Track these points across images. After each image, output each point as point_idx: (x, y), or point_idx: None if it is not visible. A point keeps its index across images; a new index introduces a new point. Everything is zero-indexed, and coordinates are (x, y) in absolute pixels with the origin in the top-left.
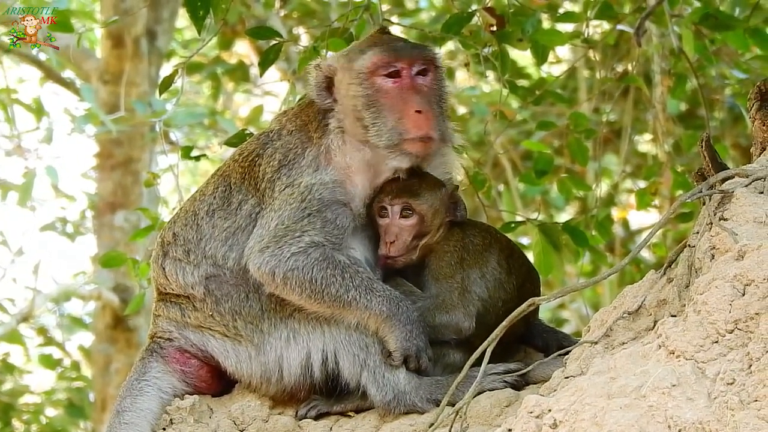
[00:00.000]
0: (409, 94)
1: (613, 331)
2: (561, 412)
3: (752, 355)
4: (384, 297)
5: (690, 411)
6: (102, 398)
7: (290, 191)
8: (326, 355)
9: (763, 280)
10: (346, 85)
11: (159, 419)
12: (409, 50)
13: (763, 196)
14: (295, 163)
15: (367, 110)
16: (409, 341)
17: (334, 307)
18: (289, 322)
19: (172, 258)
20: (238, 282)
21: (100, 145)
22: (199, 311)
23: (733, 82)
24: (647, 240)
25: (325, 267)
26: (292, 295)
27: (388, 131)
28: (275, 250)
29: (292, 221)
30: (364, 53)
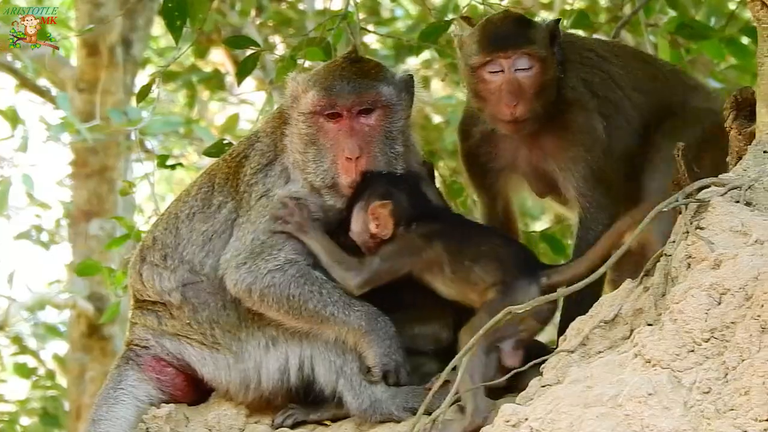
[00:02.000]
0: (344, 137)
1: (589, 340)
2: (537, 421)
3: (728, 364)
4: (362, 312)
5: (666, 420)
6: (77, 407)
7: (265, 202)
8: (303, 360)
9: (739, 289)
10: (296, 116)
11: (135, 428)
12: (350, 92)
13: (739, 206)
14: (268, 171)
15: (309, 147)
16: (387, 356)
17: (312, 322)
18: (267, 330)
19: (149, 263)
20: (215, 290)
21: (75, 154)
22: (176, 319)
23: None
24: (624, 249)
25: (303, 283)
26: (270, 312)
27: (322, 172)
28: (252, 266)
29: (268, 236)
30: (311, 90)
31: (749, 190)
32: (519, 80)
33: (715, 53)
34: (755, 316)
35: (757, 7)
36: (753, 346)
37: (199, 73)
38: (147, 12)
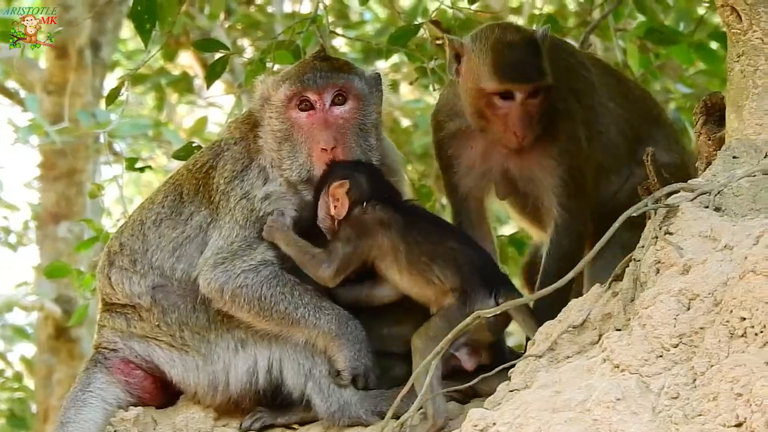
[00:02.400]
0: (318, 129)
1: (557, 345)
2: (506, 426)
3: (696, 370)
4: (333, 315)
5: (634, 425)
6: (44, 409)
7: (247, 205)
8: (272, 362)
9: (708, 294)
10: (269, 113)
11: (103, 431)
12: (321, 80)
13: (708, 211)
14: (244, 176)
15: (283, 143)
16: (357, 360)
17: (282, 324)
18: (236, 332)
19: (118, 267)
20: (186, 293)
21: (43, 156)
22: (145, 321)
23: (678, 97)
24: (591, 254)
25: (275, 284)
26: (240, 312)
27: (298, 167)
28: (228, 266)
29: (246, 236)
30: (281, 85)
31: (718, 196)
32: (529, 109)
33: (684, 58)
34: (724, 322)
35: (726, 12)
36: (722, 352)
37: (167, 76)
38: (116, 15)
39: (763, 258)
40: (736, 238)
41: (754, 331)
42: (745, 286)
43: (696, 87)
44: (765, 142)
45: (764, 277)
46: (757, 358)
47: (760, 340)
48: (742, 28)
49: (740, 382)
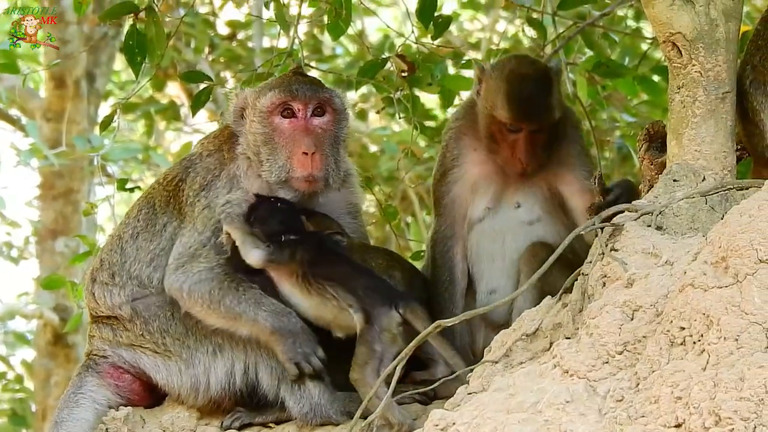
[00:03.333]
0: (300, 134)
1: (512, 352)
2: (464, 425)
3: (640, 375)
4: (269, 311)
5: (582, 426)
6: (43, 409)
7: (208, 213)
8: (248, 366)
9: (650, 306)
10: (250, 120)
11: (95, 429)
12: (306, 92)
13: (650, 230)
14: (212, 185)
15: (264, 146)
16: (293, 351)
17: (228, 318)
18: (214, 338)
19: (99, 283)
20: (163, 303)
21: (43, 177)
22: (129, 331)
23: (623, 125)
24: (545, 268)
25: (224, 280)
26: (195, 307)
27: (278, 168)
28: (186, 268)
29: (202, 240)
30: (267, 93)
31: (660, 216)
32: (534, 140)
33: (629, 90)
34: (665, 331)
35: (668, 48)
36: (662, 359)
37: (156, 104)
38: (109, 48)
39: (701, 273)
40: (676, 255)
41: (692, 340)
42: (684, 298)
43: (640, 116)
44: (703, 167)
45: (702, 291)
46: (695, 364)
47: (698, 348)
48: (682, 62)
49: (680, 387)
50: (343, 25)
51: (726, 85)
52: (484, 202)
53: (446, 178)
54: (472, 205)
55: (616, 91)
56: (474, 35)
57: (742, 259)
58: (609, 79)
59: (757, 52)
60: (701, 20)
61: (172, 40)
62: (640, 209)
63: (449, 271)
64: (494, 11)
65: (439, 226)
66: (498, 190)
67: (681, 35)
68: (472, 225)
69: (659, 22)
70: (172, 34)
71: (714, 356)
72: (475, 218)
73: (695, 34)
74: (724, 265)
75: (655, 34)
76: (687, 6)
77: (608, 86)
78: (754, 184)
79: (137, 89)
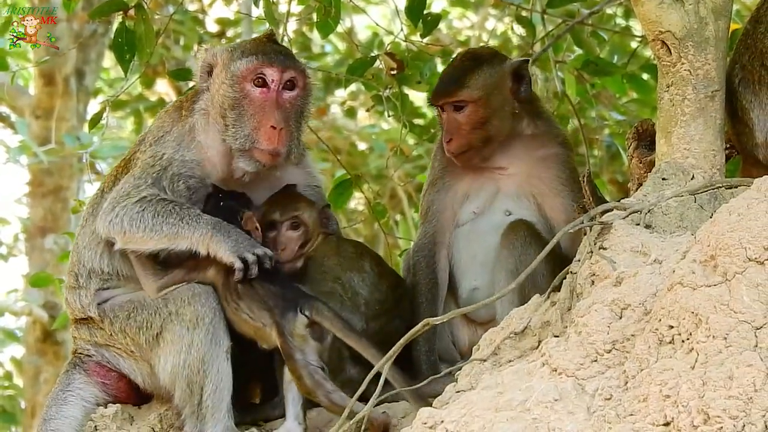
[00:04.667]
0: (270, 107)
1: (500, 350)
2: (452, 423)
3: (628, 373)
4: (207, 221)
5: (571, 424)
6: (32, 405)
7: (151, 162)
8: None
9: (638, 304)
10: (220, 81)
11: (83, 425)
12: (281, 64)
13: (639, 228)
14: (161, 139)
15: (231, 110)
16: (237, 246)
17: (170, 237)
18: (163, 334)
19: (68, 287)
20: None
21: (32, 175)
22: (103, 330)
23: (612, 123)
24: (533, 266)
25: (164, 204)
26: (137, 234)
27: (243, 136)
28: (123, 203)
29: (143, 181)
30: (242, 58)
31: (649, 214)
32: (455, 120)
33: (618, 88)
34: (653, 330)
35: (657, 46)
36: (651, 357)
37: (145, 102)
38: (99, 46)
39: (690, 271)
40: (664, 253)
41: (680, 338)
42: (672, 297)
43: (629, 114)
44: (692, 166)
45: (690, 289)
46: (684, 363)
47: (687, 346)
48: (671, 60)
49: (668, 385)
50: (332, 22)
51: (715, 83)
52: (472, 207)
53: (435, 187)
54: (460, 211)
55: (605, 90)
56: (463, 33)
57: (731, 258)
58: (598, 77)
59: (746, 51)
60: (690, 18)
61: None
62: (629, 207)
63: (432, 275)
64: (483, 9)
65: (425, 232)
66: (488, 198)
67: (670, 33)
68: (457, 227)
69: (648, 21)
70: (162, 32)
71: (703, 355)
72: (460, 222)
73: (684, 33)
74: (713, 264)
75: (644, 33)
76: (676, 4)
77: (597, 84)
78: (743, 182)
79: (126, 86)
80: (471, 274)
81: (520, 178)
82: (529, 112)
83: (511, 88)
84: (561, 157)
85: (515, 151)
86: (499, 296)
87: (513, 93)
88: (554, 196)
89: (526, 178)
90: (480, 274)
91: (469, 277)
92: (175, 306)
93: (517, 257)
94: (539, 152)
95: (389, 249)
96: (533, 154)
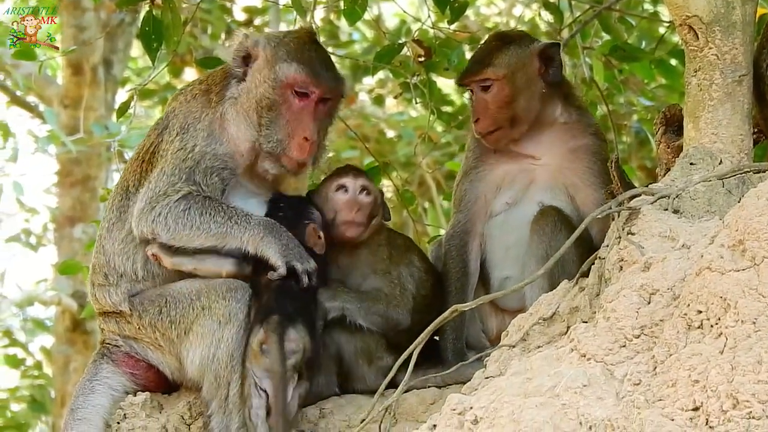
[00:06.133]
0: (307, 119)
1: (529, 336)
2: (481, 410)
3: (657, 358)
4: (258, 221)
5: (600, 409)
6: (61, 395)
7: (182, 155)
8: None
9: (667, 289)
10: (261, 78)
11: (112, 414)
12: (326, 82)
13: (667, 213)
14: (191, 127)
15: (267, 111)
16: (286, 250)
17: (218, 236)
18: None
19: (97, 286)
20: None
21: (60, 164)
22: (131, 324)
23: (640, 109)
24: (560, 254)
25: (209, 204)
26: (184, 232)
27: (275, 141)
28: (162, 203)
29: (179, 180)
30: (289, 62)
31: (677, 199)
32: (483, 101)
33: (646, 74)
34: (682, 315)
35: (684, 31)
36: (680, 342)
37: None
38: (126, 35)
39: (718, 256)
40: (692, 238)
41: (709, 323)
42: (701, 281)
43: (656, 100)
44: (720, 150)
45: (719, 274)
46: (712, 347)
47: (715, 331)
48: (698, 45)
49: (697, 370)
50: (360, 10)
51: (742, 68)
52: (505, 197)
53: (468, 177)
54: (494, 201)
55: (632, 75)
56: (491, 20)
57: (759, 242)
58: (626, 63)
59: None
60: (718, 3)
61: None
62: (657, 192)
63: (463, 264)
64: None
65: (457, 221)
66: (521, 189)
67: (697, 18)
68: (491, 217)
69: (676, 6)
70: (189, 20)
71: (731, 339)
72: (494, 212)
73: (712, 17)
74: (741, 248)
75: (671, 17)
76: None
77: (625, 70)
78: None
79: (154, 75)
80: (503, 265)
81: (552, 169)
82: (562, 99)
83: (538, 69)
84: (593, 148)
85: (548, 141)
86: (528, 282)
87: (541, 74)
88: (586, 188)
89: (559, 169)
90: (512, 265)
91: (500, 267)
92: (208, 300)
93: (546, 243)
94: (572, 143)
95: (418, 236)
96: (566, 145)
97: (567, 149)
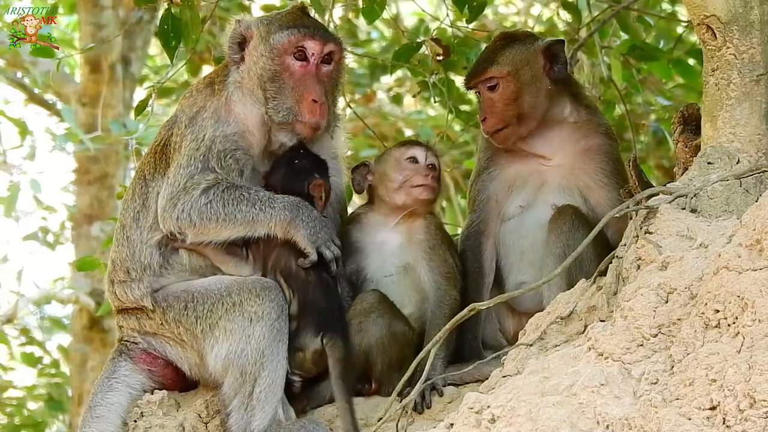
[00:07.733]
0: (311, 80)
1: (546, 335)
2: (499, 408)
3: (674, 357)
4: (284, 203)
5: (617, 408)
6: (79, 393)
7: (195, 146)
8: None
9: (684, 288)
10: (258, 54)
11: (129, 412)
12: (321, 38)
13: (685, 212)
14: (198, 117)
15: (270, 83)
16: (315, 235)
17: (246, 224)
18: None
19: (118, 282)
20: (178, 293)
21: (78, 162)
22: (152, 320)
23: (658, 108)
24: (577, 252)
25: (233, 191)
26: (210, 225)
27: (285, 110)
28: (185, 198)
29: (197, 171)
30: (281, 31)
31: (694, 198)
32: (490, 99)
33: (664, 73)
34: (699, 314)
35: (702, 31)
36: (697, 341)
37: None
38: (144, 33)
39: (735, 255)
40: (710, 237)
41: (727, 323)
42: (718, 281)
43: (674, 99)
44: (737, 150)
45: (736, 273)
46: (730, 347)
47: (732, 330)
48: (716, 45)
49: (714, 369)
50: (378, 8)
51: (760, 67)
52: (518, 200)
53: (481, 177)
54: (506, 203)
55: (651, 75)
56: (509, 19)
57: None
58: (644, 63)
59: None
60: (735, 2)
61: (207, 24)
62: (675, 192)
63: (478, 264)
64: None
65: (471, 221)
66: (534, 190)
67: (715, 17)
68: (504, 221)
69: (694, 5)
70: (207, 18)
71: (749, 338)
72: (508, 215)
73: (729, 17)
74: (759, 248)
75: (689, 17)
76: None
77: (643, 69)
78: None
79: (172, 73)
80: (518, 270)
81: (564, 170)
82: (570, 98)
83: (543, 66)
84: (604, 147)
85: (558, 140)
86: (546, 281)
87: (546, 72)
88: (599, 189)
89: (571, 170)
90: (527, 270)
91: (516, 272)
92: (239, 297)
93: (564, 242)
94: (583, 142)
95: None
96: (577, 145)
97: (578, 149)
